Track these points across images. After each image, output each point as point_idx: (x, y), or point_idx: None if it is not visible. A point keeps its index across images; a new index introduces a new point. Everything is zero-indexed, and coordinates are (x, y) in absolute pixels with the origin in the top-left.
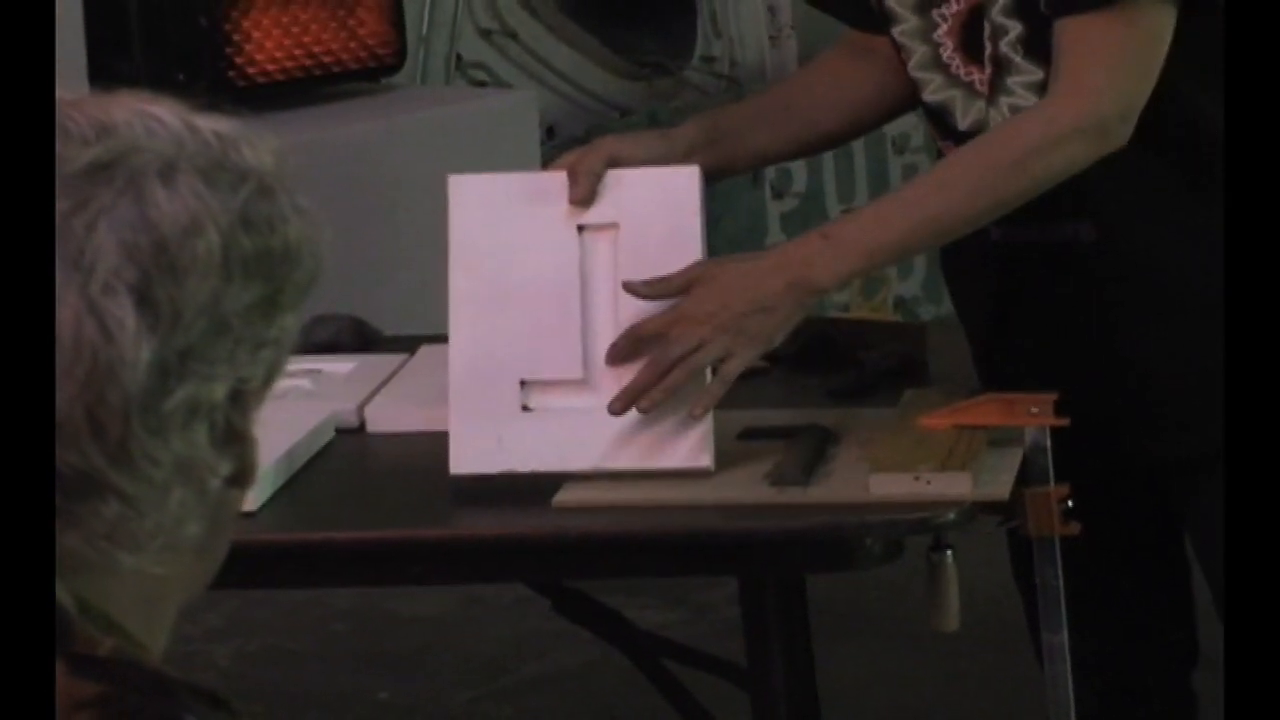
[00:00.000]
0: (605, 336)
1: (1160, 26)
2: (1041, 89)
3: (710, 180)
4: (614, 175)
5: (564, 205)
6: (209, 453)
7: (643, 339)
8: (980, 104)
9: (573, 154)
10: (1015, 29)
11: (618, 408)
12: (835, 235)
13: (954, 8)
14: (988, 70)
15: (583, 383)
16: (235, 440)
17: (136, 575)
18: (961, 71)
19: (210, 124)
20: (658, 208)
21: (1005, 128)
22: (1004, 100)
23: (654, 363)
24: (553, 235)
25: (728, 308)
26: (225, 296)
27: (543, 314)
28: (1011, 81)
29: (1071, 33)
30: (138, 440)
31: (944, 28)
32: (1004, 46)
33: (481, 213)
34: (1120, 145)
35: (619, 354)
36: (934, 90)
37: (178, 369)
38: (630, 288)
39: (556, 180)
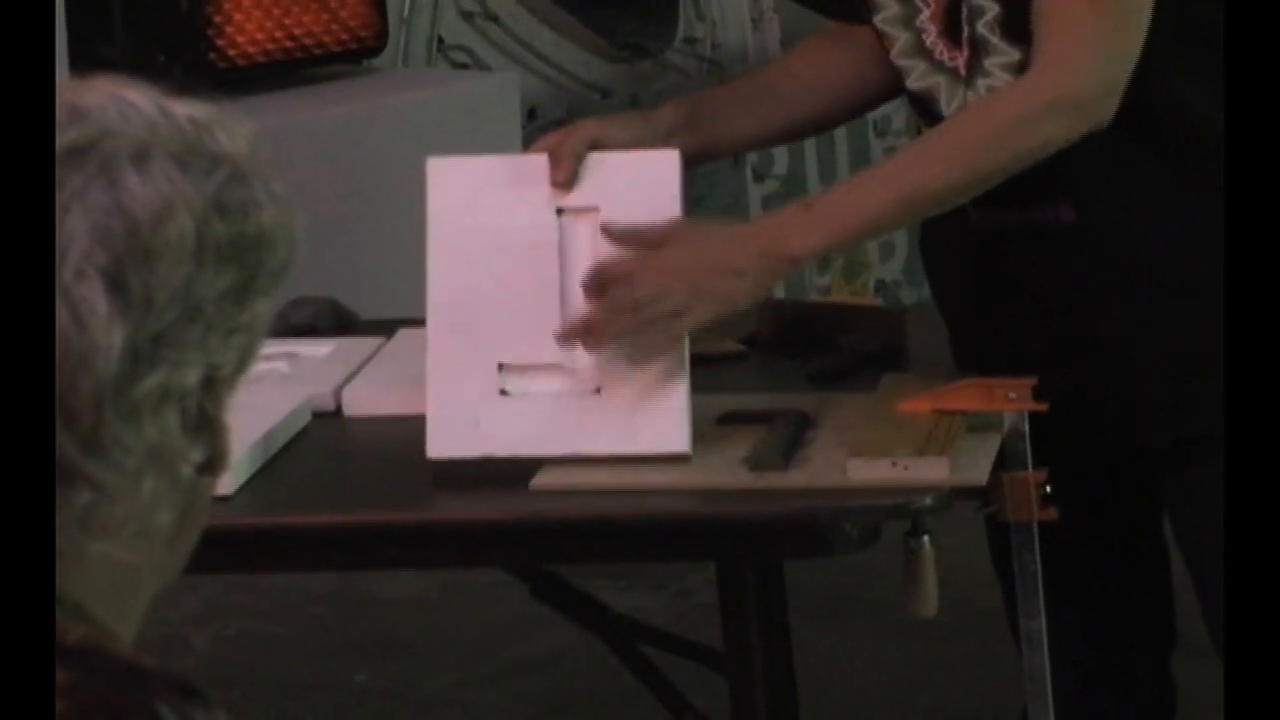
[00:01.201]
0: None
1: (1141, 3)
2: (1019, 70)
3: (691, 164)
4: (594, 158)
5: (543, 188)
6: (181, 440)
7: (609, 279)
8: (964, 89)
9: (553, 136)
10: (993, 9)
11: (563, 340)
12: (815, 206)
13: None
14: (965, 52)
15: (560, 367)
16: (207, 427)
17: (107, 563)
18: (945, 57)
19: (185, 109)
20: (637, 191)
21: (984, 103)
22: (981, 82)
23: (611, 301)
24: (532, 218)
25: (697, 265)
26: (198, 282)
27: (522, 297)
28: (989, 63)
29: (1051, 9)
30: (109, 428)
31: (926, 13)
32: (981, 27)
33: (460, 196)
34: (1102, 123)
35: (586, 287)
36: (918, 77)
37: (150, 355)
38: (607, 228)
39: (536, 163)
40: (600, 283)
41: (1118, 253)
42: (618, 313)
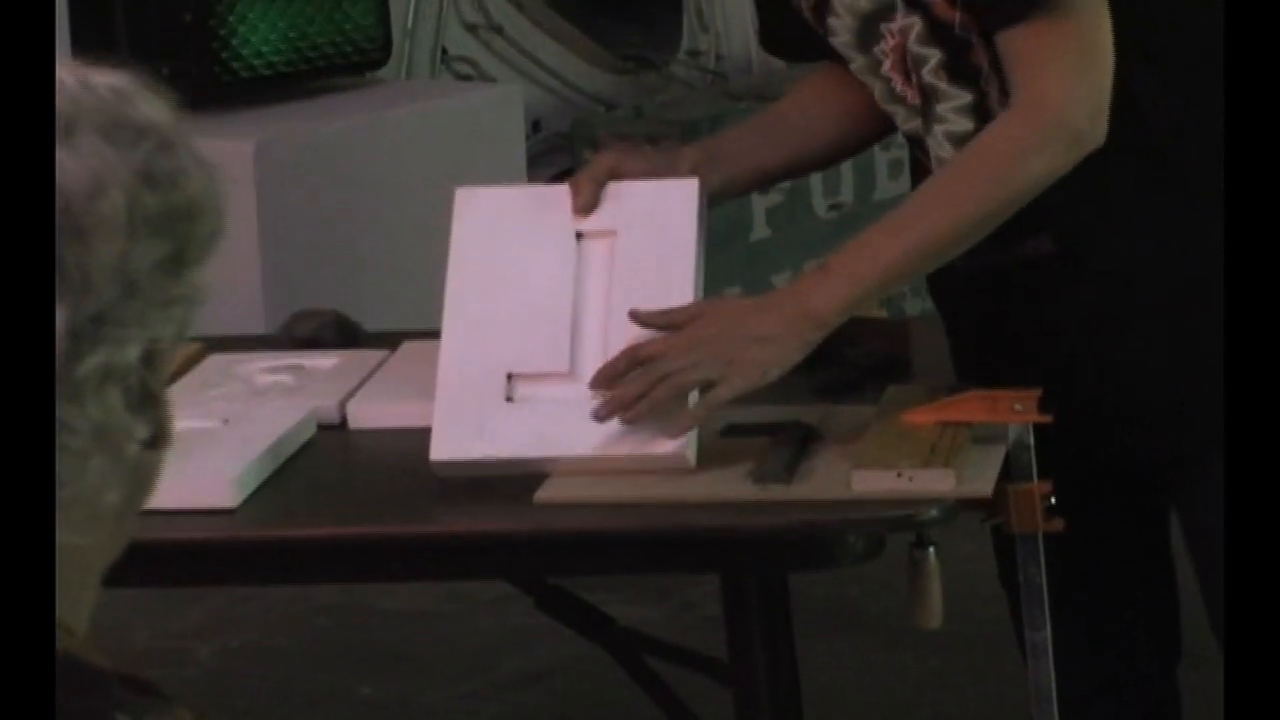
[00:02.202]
0: (594, 333)
1: (1099, 16)
2: (973, 111)
3: (715, 202)
4: (614, 186)
5: (564, 215)
6: (125, 417)
7: (639, 360)
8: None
9: (578, 172)
10: (935, 56)
11: (603, 413)
12: (831, 267)
13: (890, 42)
14: (918, 100)
15: (568, 375)
16: (150, 402)
17: (60, 550)
18: (916, 102)
19: (104, 78)
20: (655, 217)
21: (980, 143)
22: (938, 128)
23: (645, 375)
24: (551, 241)
25: (726, 336)
26: (132, 256)
27: (534, 311)
28: (941, 109)
29: (1017, 44)
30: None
31: (887, 64)
32: (927, 74)
33: (485, 223)
34: (1098, 144)
35: (615, 373)
36: (902, 121)
37: (90, 334)
38: (636, 316)
39: (559, 193)
40: (630, 364)
41: (1101, 276)
42: (650, 385)
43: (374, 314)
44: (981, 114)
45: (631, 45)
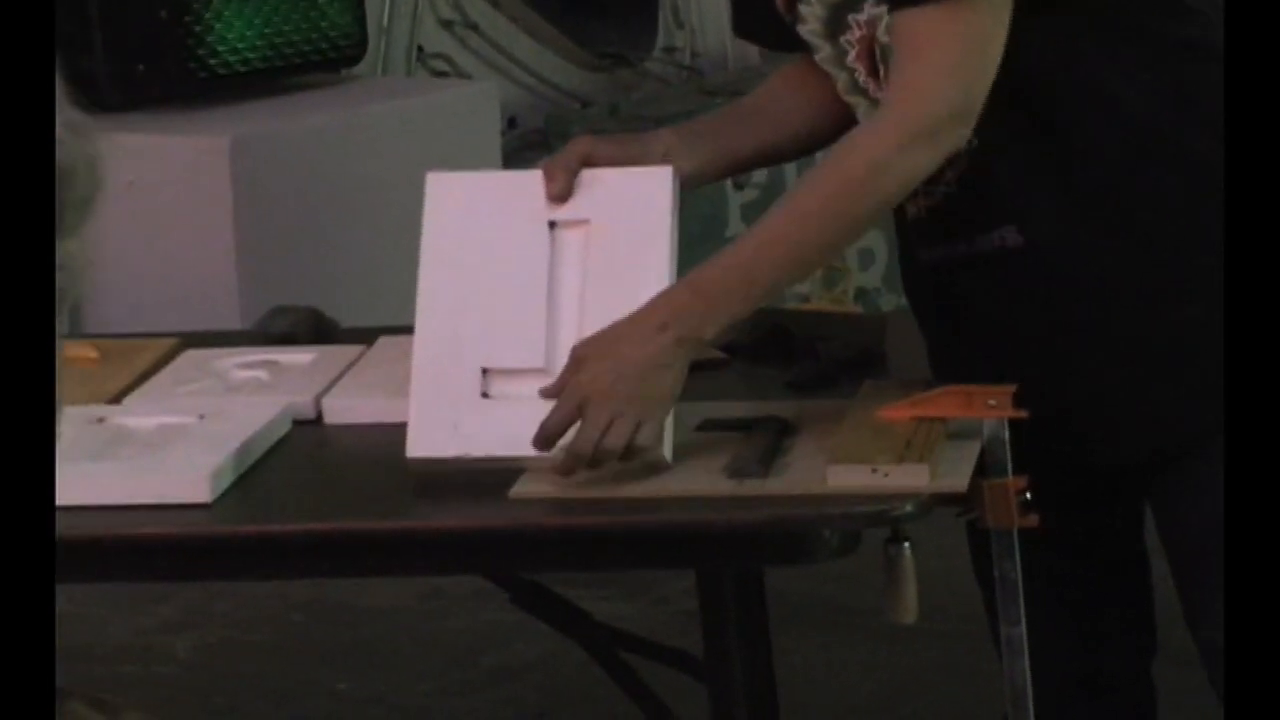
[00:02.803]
0: (570, 328)
1: (993, 21)
2: None
3: (687, 187)
4: (588, 174)
5: (537, 202)
6: None
7: (550, 429)
8: None
9: (550, 158)
10: None
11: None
12: (703, 290)
13: (857, 33)
14: (881, 93)
15: (544, 371)
16: None
17: None
18: (879, 95)
19: None
20: (629, 205)
21: (845, 146)
22: None
23: (574, 453)
24: (524, 230)
25: (623, 377)
26: None
27: (508, 304)
28: None
29: (901, 31)
30: None
31: (852, 54)
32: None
33: (457, 209)
34: (958, 146)
35: (548, 441)
36: (863, 114)
37: None
38: (543, 391)
39: (532, 179)
40: (554, 435)
41: (1068, 268)
42: (595, 457)
43: (349, 310)
44: None
45: (607, 42)
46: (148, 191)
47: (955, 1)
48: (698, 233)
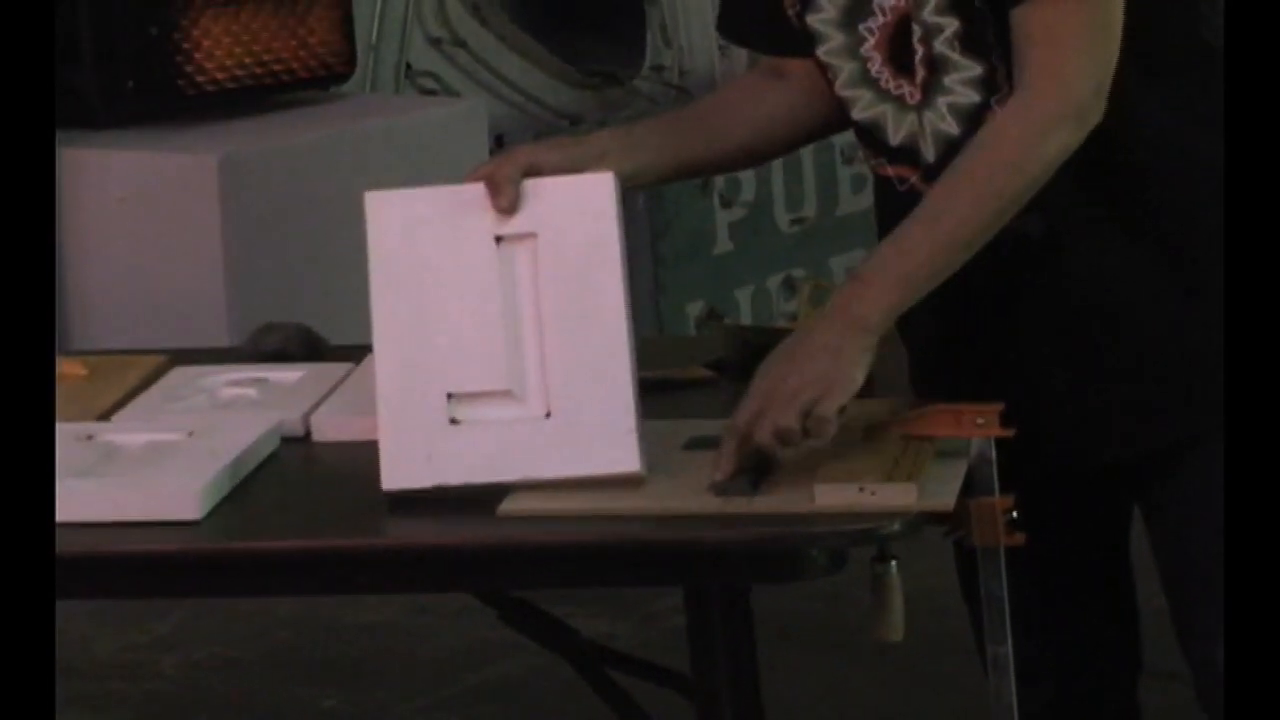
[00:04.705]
0: (531, 345)
1: (1117, 6)
2: (982, 84)
3: (625, 186)
4: (530, 184)
5: (481, 217)
6: None
7: (740, 429)
8: (912, 117)
9: (488, 164)
10: (951, 25)
11: (721, 479)
12: (866, 277)
13: (881, 19)
14: (920, 74)
15: (508, 393)
16: None
17: None
18: (891, 85)
19: None
20: (574, 216)
21: (993, 131)
22: (941, 100)
23: (750, 438)
24: (471, 247)
25: (797, 368)
26: None
27: (465, 326)
28: (949, 80)
29: (1032, 21)
30: None
31: (871, 41)
32: (939, 45)
33: (399, 229)
34: (1099, 120)
35: (730, 457)
36: (864, 107)
37: None
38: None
39: (474, 192)
40: (738, 438)
41: (1084, 263)
42: (777, 436)
43: (338, 328)
44: (990, 87)
45: (595, 60)
46: (136, 208)
47: None
48: (685, 250)
